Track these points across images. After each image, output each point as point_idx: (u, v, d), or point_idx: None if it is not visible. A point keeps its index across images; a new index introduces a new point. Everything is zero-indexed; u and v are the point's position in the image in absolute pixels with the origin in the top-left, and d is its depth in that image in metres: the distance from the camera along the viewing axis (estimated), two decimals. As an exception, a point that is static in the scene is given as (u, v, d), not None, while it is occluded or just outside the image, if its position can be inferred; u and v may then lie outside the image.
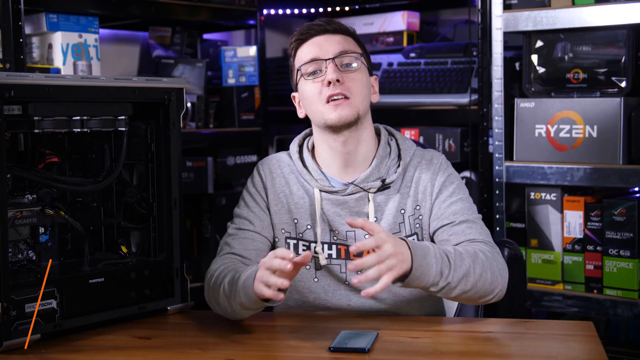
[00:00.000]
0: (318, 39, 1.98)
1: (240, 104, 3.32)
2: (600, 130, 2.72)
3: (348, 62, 1.95)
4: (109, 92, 1.92)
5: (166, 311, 2.03)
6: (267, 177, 2.05)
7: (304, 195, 2.01)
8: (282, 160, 2.07)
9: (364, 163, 1.99)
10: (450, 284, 1.78)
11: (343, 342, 1.71)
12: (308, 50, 1.98)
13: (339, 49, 1.95)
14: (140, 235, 2.10)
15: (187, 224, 3.16)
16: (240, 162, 3.34)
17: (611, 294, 2.73)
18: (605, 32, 2.73)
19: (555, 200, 2.84)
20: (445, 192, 1.97)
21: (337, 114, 1.92)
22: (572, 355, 1.68)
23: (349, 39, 1.99)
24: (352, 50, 1.97)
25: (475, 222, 1.95)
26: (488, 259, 1.85)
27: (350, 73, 1.95)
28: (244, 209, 2.05)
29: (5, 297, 1.72)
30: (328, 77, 1.92)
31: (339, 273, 1.99)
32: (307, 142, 2.07)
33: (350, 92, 1.93)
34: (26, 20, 2.61)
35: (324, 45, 1.96)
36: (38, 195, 1.96)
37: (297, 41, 2.01)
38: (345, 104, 1.92)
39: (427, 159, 2.02)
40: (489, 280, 1.83)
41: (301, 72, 1.98)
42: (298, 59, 2.00)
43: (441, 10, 3.63)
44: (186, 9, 3.08)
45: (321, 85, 1.94)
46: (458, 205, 1.96)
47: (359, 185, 1.97)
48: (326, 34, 1.98)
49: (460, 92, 3.12)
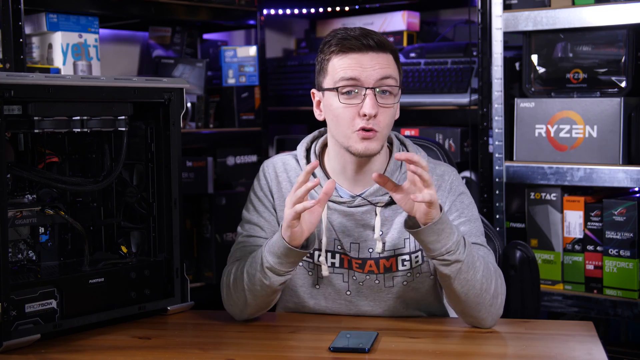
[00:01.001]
0: (361, 57, 1.85)
1: (240, 104, 3.32)
2: (600, 130, 2.72)
3: (386, 89, 1.86)
4: (109, 92, 1.92)
5: (166, 311, 2.03)
6: (272, 181, 2.02)
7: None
8: (288, 163, 2.02)
9: None
10: (463, 263, 1.77)
11: (343, 342, 1.71)
12: (347, 67, 1.85)
13: (380, 74, 1.85)
14: (140, 235, 2.10)
15: (187, 224, 3.16)
16: (240, 162, 3.34)
17: (611, 294, 2.73)
18: (605, 32, 2.73)
19: (555, 200, 2.84)
20: (454, 211, 1.94)
21: (364, 146, 1.86)
22: (572, 355, 1.68)
23: (390, 58, 1.88)
24: (393, 76, 1.87)
25: (482, 245, 1.93)
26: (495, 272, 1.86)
27: (386, 107, 1.86)
28: (254, 214, 2.01)
29: (5, 297, 1.72)
30: (365, 111, 1.83)
31: (341, 282, 1.97)
32: (315, 145, 2.02)
33: (380, 127, 1.86)
34: (26, 20, 2.61)
35: (366, 68, 1.84)
36: (38, 195, 1.96)
37: (336, 52, 1.87)
38: (374, 138, 1.85)
39: (438, 174, 1.98)
40: (492, 288, 1.83)
41: (336, 89, 1.87)
42: (332, 71, 1.88)
43: (441, 10, 3.63)
44: (186, 9, 3.08)
45: (355, 111, 1.85)
46: (466, 227, 1.93)
47: (367, 198, 1.94)
48: (369, 52, 1.85)
49: (460, 92, 3.12)
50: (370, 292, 1.96)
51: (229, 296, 1.93)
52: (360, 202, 1.94)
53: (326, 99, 1.91)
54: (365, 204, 1.94)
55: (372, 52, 1.86)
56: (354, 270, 1.95)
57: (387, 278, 1.94)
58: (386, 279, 1.94)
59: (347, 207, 1.94)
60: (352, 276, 1.96)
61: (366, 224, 1.94)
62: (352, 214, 1.94)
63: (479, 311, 1.84)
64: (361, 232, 1.94)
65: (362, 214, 1.94)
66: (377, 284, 1.95)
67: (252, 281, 1.85)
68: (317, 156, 2.00)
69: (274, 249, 1.81)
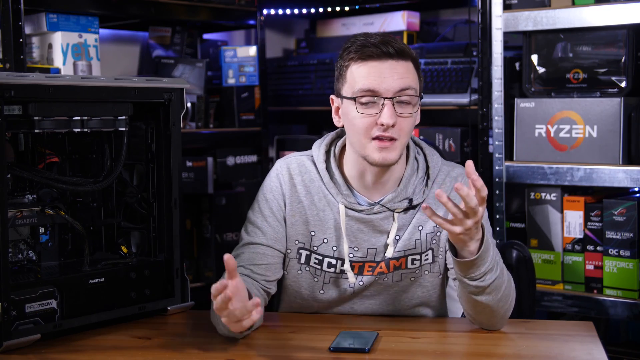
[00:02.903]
0: (380, 65, 1.82)
1: (240, 104, 3.32)
2: (600, 130, 2.72)
3: (406, 100, 1.84)
4: (109, 92, 1.92)
5: (166, 311, 2.03)
6: (285, 184, 1.97)
7: (326, 207, 1.94)
8: (305, 165, 1.98)
9: (392, 182, 1.94)
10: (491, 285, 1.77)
11: (343, 342, 1.71)
12: (366, 75, 1.82)
13: (399, 85, 1.82)
14: (140, 235, 2.10)
15: (187, 224, 3.16)
16: (240, 162, 3.34)
17: (611, 294, 2.72)
18: (605, 32, 2.73)
19: (555, 200, 2.84)
20: None
21: (381, 156, 1.83)
22: (572, 355, 1.68)
23: (411, 67, 1.85)
24: (413, 87, 1.84)
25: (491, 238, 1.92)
26: (511, 284, 1.85)
27: (405, 117, 1.84)
28: (259, 216, 1.97)
29: (5, 297, 1.72)
30: (383, 121, 1.80)
31: (347, 287, 1.96)
32: (334, 149, 1.98)
33: (399, 135, 1.83)
34: (26, 20, 2.61)
35: (385, 78, 1.81)
36: (38, 195, 1.96)
37: (355, 59, 1.84)
38: (391, 147, 1.83)
39: (452, 176, 1.97)
40: (509, 301, 1.83)
41: (354, 98, 1.84)
42: (352, 79, 1.85)
43: (441, 10, 3.63)
44: (186, 9, 3.08)
45: (372, 121, 1.82)
46: None
47: (386, 205, 1.92)
48: (389, 60, 1.82)
49: (460, 92, 3.12)
50: (376, 289, 1.96)
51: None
52: (378, 209, 1.93)
53: (345, 106, 1.88)
54: (383, 210, 1.93)
55: (392, 60, 1.82)
56: (364, 274, 1.95)
57: (395, 275, 1.95)
58: (394, 275, 1.95)
59: (365, 215, 1.93)
60: (359, 281, 1.95)
61: (383, 229, 1.93)
62: (370, 220, 1.93)
63: (495, 318, 1.84)
64: (378, 238, 1.94)
65: (380, 220, 1.93)
66: (386, 281, 1.95)
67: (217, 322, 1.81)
68: (337, 160, 1.97)
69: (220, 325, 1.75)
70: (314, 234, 1.95)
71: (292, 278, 1.99)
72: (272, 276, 1.95)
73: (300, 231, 1.96)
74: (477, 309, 1.82)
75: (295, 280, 1.99)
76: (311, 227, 1.95)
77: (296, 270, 1.98)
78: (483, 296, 1.78)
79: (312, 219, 1.95)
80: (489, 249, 1.76)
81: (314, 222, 1.95)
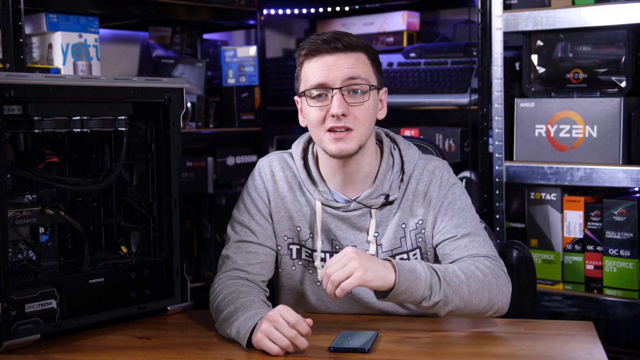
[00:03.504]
0: (328, 59, 1.86)
1: (240, 104, 3.32)
2: (600, 130, 2.72)
3: (356, 89, 1.86)
4: (109, 92, 1.92)
5: (166, 311, 2.03)
6: (268, 181, 2.00)
7: (306, 204, 1.98)
8: (286, 162, 2.01)
9: (366, 179, 1.95)
10: (443, 299, 1.76)
11: (343, 342, 1.71)
12: (315, 71, 1.87)
13: (347, 74, 1.85)
14: (140, 235, 2.10)
15: (187, 224, 3.16)
16: (240, 162, 3.34)
17: (611, 294, 2.72)
18: (605, 32, 2.73)
19: (555, 200, 2.84)
20: (446, 205, 1.94)
21: (337, 147, 1.86)
22: (572, 355, 1.68)
23: (361, 58, 1.88)
24: (362, 77, 1.86)
25: (478, 234, 1.92)
26: (486, 275, 1.82)
27: (357, 106, 1.86)
28: (245, 215, 2.00)
29: (5, 297, 1.72)
30: (332, 111, 1.84)
31: None
32: (312, 147, 2.00)
33: (354, 124, 1.86)
34: (26, 20, 2.60)
35: (332, 70, 1.85)
36: (38, 195, 1.96)
37: (305, 56, 1.89)
38: (347, 137, 1.85)
39: (429, 170, 1.97)
40: (486, 297, 1.81)
41: (305, 94, 1.89)
42: (304, 77, 1.90)
43: (441, 10, 3.63)
44: (186, 9, 3.08)
45: (324, 113, 1.86)
46: (460, 218, 1.92)
47: (362, 202, 1.94)
48: (337, 53, 1.86)
49: (460, 92, 3.12)
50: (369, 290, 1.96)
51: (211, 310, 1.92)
52: (355, 206, 1.94)
53: (303, 104, 1.93)
54: (360, 207, 1.94)
55: (340, 53, 1.87)
56: None
57: None
58: None
59: (342, 212, 1.95)
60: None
61: (362, 227, 1.95)
62: (348, 218, 1.95)
63: (481, 315, 1.85)
64: (357, 235, 1.95)
65: (358, 217, 1.94)
66: None
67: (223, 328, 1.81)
68: (315, 158, 1.99)
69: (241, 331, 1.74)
70: (299, 229, 1.98)
71: (288, 275, 2.00)
72: (266, 275, 1.98)
73: (287, 227, 1.98)
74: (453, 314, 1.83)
75: (291, 277, 2.00)
76: (296, 222, 1.98)
77: (290, 267, 2.00)
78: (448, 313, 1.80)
79: (296, 214, 1.98)
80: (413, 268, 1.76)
81: (298, 218, 1.98)
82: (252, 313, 1.75)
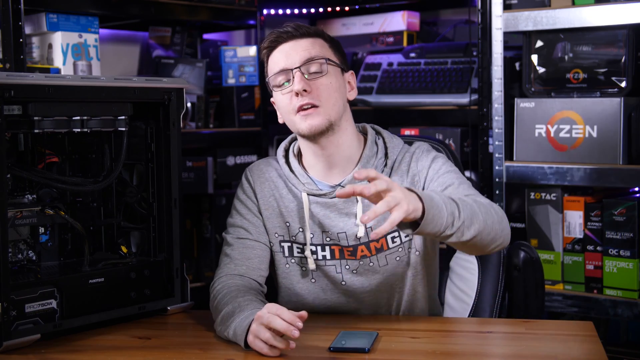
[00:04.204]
0: (285, 46, 1.95)
1: (240, 104, 3.32)
2: (600, 130, 2.72)
3: (315, 69, 1.92)
4: (109, 92, 1.92)
5: (166, 311, 2.03)
6: (255, 182, 2.04)
7: (293, 199, 2.00)
8: (270, 164, 2.07)
9: (348, 164, 1.98)
10: (465, 223, 1.73)
11: (343, 342, 1.71)
12: (276, 60, 1.95)
13: (305, 56, 1.92)
14: (140, 235, 2.10)
15: (187, 224, 3.16)
16: (240, 162, 3.34)
17: (611, 294, 2.72)
18: (605, 32, 2.73)
19: (555, 200, 2.84)
20: (431, 173, 1.95)
21: (307, 124, 1.91)
22: (572, 355, 1.68)
23: (318, 41, 1.96)
24: (319, 55, 1.93)
25: (464, 183, 1.92)
26: (486, 203, 1.82)
27: (318, 79, 1.92)
28: (237, 217, 2.04)
29: (5, 297, 1.71)
30: (294, 88, 1.90)
31: (335, 273, 1.98)
32: (293, 146, 2.06)
33: (319, 100, 1.91)
34: (26, 20, 2.60)
35: (290, 54, 1.93)
36: (38, 195, 1.96)
37: (267, 49, 1.98)
38: (314, 113, 1.90)
39: (410, 151, 2.00)
40: (496, 222, 1.79)
41: (271, 84, 1.97)
42: (269, 69, 1.98)
43: (441, 10, 3.63)
44: (186, 9, 3.08)
45: (290, 95, 1.93)
46: (447, 177, 1.93)
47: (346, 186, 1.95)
48: (293, 40, 1.94)
49: (460, 92, 3.12)
50: (366, 277, 1.97)
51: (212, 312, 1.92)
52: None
53: (275, 98, 2.00)
54: None
55: (295, 39, 1.95)
56: (347, 259, 1.97)
57: (380, 258, 1.96)
58: (379, 259, 1.96)
59: (328, 199, 1.97)
60: (344, 266, 1.97)
61: (349, 212, 1.96)
62: (334, 204, 1.97)
63: (495, 241, 1.81)
64: (346, 221, 1.96)
65: (344, 203, 1.96)
66: (372, 266, 1.96)
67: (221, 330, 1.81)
68: (295, 155, 2.03)
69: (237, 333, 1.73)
70: (289, 224, 2.00)
71: (283, 275, 2.01)
72: (264, 270, 2.00)
73: (277, 223, 2.01)
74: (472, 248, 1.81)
75: (286, 276, 2.01)
76: (285, 217, 2.00)
77: (284, 265, 2.01)
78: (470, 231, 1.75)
79: (284, 210, 2.00)
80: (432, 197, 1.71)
81: (287, 213, 2.00)
82: (248, 313, 1.75)
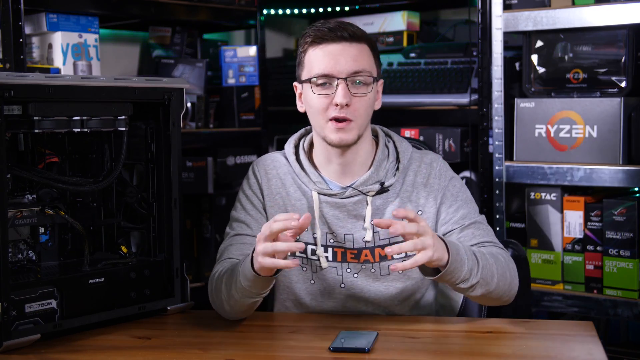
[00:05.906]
0: (334, 48, 1.90)
1: (240, 104, 3.32)
2: (600, 130, 2.72)
3: (360, 81, 1.90)
4: (109, 92, 1.92)
5: (166, 311, 2.03)
6: (262, 178, 2.04)
7: (301, 197, 2.00)
8: (278, 160, 2.06)
9: (362, 167, 1.99)
10: (479, 282, 1.80)
11: (343, 342, 1.71)
12: (321, 59, 1.90)
13: (353, 68, 1.89)
14: (140, 235, 2.10)
15: (187, 224, 3.16)
16: (240, 162, 3.34)
17: (611, 294, 2.72)
18: (605, 32, 2.73)
19: (555, 200, 2.84)
20: (449, 197, 1.98)
21: (338, 136, 1.90)
22: (572, 355, 1.68)
23: (365, 49, 1.93)
24: (367, 70, 1.91)
25: (482, 222, 1.98)
26: (505, 260, 1.89)
27: (360, 97, 1.90)
28: (241, 212, 2.04)
29: (5, 297, 1.72)
30: (337, 100, 1.88)
31: (335, 275, 1.98)
32: (303, 142, 2.05)
33: (355, 116, 1.90)
34: (26, 20, 2.60)
35: (339, 60, 1.89)
36: (38, 195, 1.96)
37: (310, 43, 1.93)
38: (347, 128, 1.90)
39: (427, 162, 2.01)
40: (508, 280, 1.87)
41: (310, 81, 1.92)
42: (309, 63, 1.94)
43: (441, 10, 3.63)
44: (186, 9, 3.07)
45: (328, 101, 1.90)
46: (464, 209, 1.97)
47: (357, 188, 1.96)
48: (343, 42, 1.90)
49: (460, 92, 3.12)
50: (365, 283, 1.97)
51: (212, 301, 1.95)
52: (351, 192, 1.96)
53: (304, 90, 1.97)
54: (356, 194, 1.96)
55: (345, 42, 1.90)
56: (349, 262, 1.97)
57: (382, 266, 1.96)
58: (382, 267, 1.96)
59: (338, 199, 1.96)
60: (345, 269, 1.97)
61: (358, 214, 1.97)
62: (344, 205, 1.97)
63: (502, 298, 1.90)
64: (354, 223, 1.96)
65: (354, 204, 1.96)
66: (373, 272, 1.96)
67: (229, 294, 1.86)
68: (306, 152, 2.02)
69: (246, 272, 1.79)
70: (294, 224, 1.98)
71: (282, 273, 2.00)
72: None
73: None
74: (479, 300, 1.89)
75: (286, 275, 2.01)
76: None
77: None
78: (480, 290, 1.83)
79: (290, 209, 2.00)
80: (458, 249, 1.78)
81: (293, 211, 1.99)
82: (247, 258, 1.79)
